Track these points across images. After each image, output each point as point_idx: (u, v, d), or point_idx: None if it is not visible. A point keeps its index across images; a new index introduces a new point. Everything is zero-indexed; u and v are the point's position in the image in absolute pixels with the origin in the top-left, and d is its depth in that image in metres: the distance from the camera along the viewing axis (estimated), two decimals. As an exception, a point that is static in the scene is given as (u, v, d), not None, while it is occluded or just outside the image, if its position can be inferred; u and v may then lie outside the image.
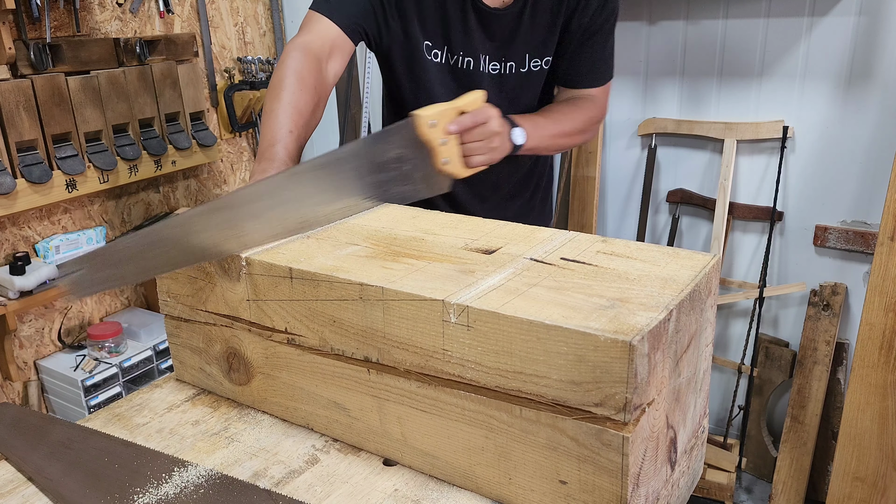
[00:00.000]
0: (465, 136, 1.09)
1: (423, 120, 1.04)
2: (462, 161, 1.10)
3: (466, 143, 1.10)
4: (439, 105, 1.07)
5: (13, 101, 1.99)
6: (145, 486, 0.82)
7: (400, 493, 0.81)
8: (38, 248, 2.21)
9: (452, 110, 1.07)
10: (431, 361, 0.77)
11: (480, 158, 1.12)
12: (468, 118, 1.08)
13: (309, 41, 1.20)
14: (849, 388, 1.73)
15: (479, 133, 1.10)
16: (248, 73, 2.80)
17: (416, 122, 1.04)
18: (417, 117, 1.03)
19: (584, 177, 2.48)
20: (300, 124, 1.13)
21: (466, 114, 1.09)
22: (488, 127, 1.11)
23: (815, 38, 2.04)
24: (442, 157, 1.07)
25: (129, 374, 2.28)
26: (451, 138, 1.07)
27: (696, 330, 0.80)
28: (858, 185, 2.08)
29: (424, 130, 1.04)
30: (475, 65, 1.32)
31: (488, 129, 1.11)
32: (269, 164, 1.07)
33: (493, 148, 1.13)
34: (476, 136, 1.10)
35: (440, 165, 1.07)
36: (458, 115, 1.08)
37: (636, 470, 0.69)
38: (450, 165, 1.08)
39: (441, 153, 1.07)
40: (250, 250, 0.91)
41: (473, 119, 1.08)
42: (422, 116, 1.03)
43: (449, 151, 1.08)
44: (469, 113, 1.09)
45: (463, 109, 1.09)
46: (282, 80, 1.15)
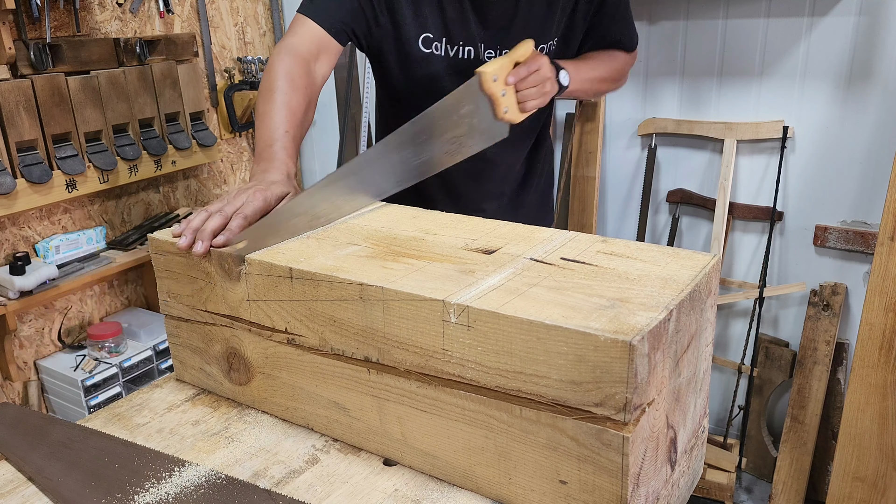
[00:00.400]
0: (521, 84, 1.18)
1: (487, 76, 1.13)
2: (518, 107, 1.20)
3: (522, 90, 1.19)
4: (498, 60, 1.16)
5: (13, 101, 1.99)
6: (145, 486, 0.82)
7: (400, 493, 0.81)
8: (38, 248, 2.21)
9: (509, 63, 1.17)
10: (431, 361, 0.77)
11: (534, 102, 1.21)
12: (523, 69, 1.17)
13: (296, 43, 1.22)
14: (849, 388, 1.73)
15: (533, 80, 1.19)
16: (248, 73, 2.80)
17: (482, 79, 1.13)
18: (482, 73, 1.12)
19: (584, 177, 2.48)
20: (294, 124, 1.14)
21: (521, 64, 1.18)
22: (541, 73, 1.19)
23: (815, 38, 2.04)
24: (503, 106, 1.16)
25: (129, 374, 2.28)
26: (510, 88, 1.17)
27: (696, 330, 0.80)
28: (858, 185, 2.08)
29: (489, 85, 1.13)
30: (475, 53, 1.33)
31: (541, 75, 1.20)
32: (269, 163, 1.07)
33: (545, 92, 1.22)
34: (530, 82, 1.19)
35: (501, 114, 1.16)
36: (513, 66, 1.17)
37: (636, 470, 0.69)
38: (509, 113, 1.18)
39: (502, 103, 1.16)
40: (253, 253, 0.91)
41: (528, 69, 1.18)
42: (486, 73, 1.13)
43: (508, 100, 1.17)
44: (524, 63, 1.18)
45: (517, 60, 1.19)
46: (273, 83, 1.17)
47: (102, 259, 2.29)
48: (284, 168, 1.07)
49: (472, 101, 1.14)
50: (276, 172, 1.05)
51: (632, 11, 1.47)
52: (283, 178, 1.04)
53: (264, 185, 1.01)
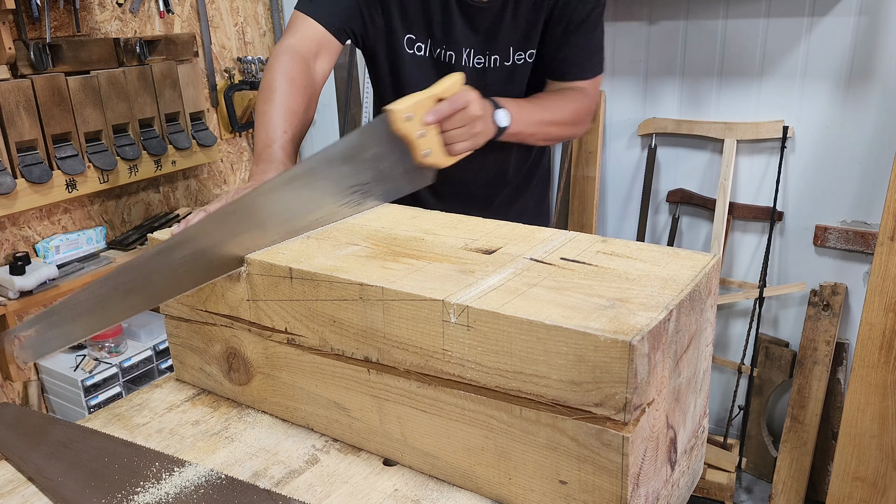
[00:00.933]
0: (444, 124, 1.06)
1: (397, 114, 0.99)
2: (444, 150, 1.07)
3: (447, 131, 1.06)
4: (414, 95, 1.02)
5: (13, 101, 1.99)
6: (145, 486, 0.82)
7: (400, 493, 0.81)
8: (38, 248, 2.21)
9: (428, 99, 1.03)
10: (431, 361, 0.77)
11: (463, 145, 1.09)
12: (445, 106, 1.04)
13: (295, 43, 1.22)
14: (849, 388, 1.73)
15: (459, 119, 1.06)
16: (248, 73, 2.80)
17: (391, 118, 0.99)
18: (391, 112, 0.99)
19: (584, 177, 2.48)
20: (294, 125, 1.14)
21: (444, 101, 1.05)
22: (468, 112, 1.06)
23: (815, 38, 2.04)
24: (422, 149, 1.03)
25: (129, 374, 2.28)
26: (430, 128, 1.04)
27: (696, 330, 0.80)
28: (858, 185, 2.08)
29: (400, 125, 1.00)
30: (457, 59, 1.32)
31: (468, 114, 1.06)
32: (268, 164, 1.07)
33: (475, 133, 1.09)
34: (456, 122, 1.06)
35: (421, 158, 1.04)
36: (435, 103, 1.04)
37: (636, 470, 0.69)
38: (431, 157, 1.05)
39: (420, 146, 1.03)
40: (253, 253, 0.91)
41: (452, 106, 1.04)
42: (395, 111, 0.99)
43: (429, 142, 1.04)
44: (447, 100, 1.05)
45: (440, 96, 1.05)
46: (272, 83, 1.16)
47: (102, 259, 2.29)
48: (283, 168, 1.07)
49: (381, 143, 1.00)
50: (274, 173, 1.05)
51: (603, 35, 1.36)
52: None
53: None
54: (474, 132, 1.09)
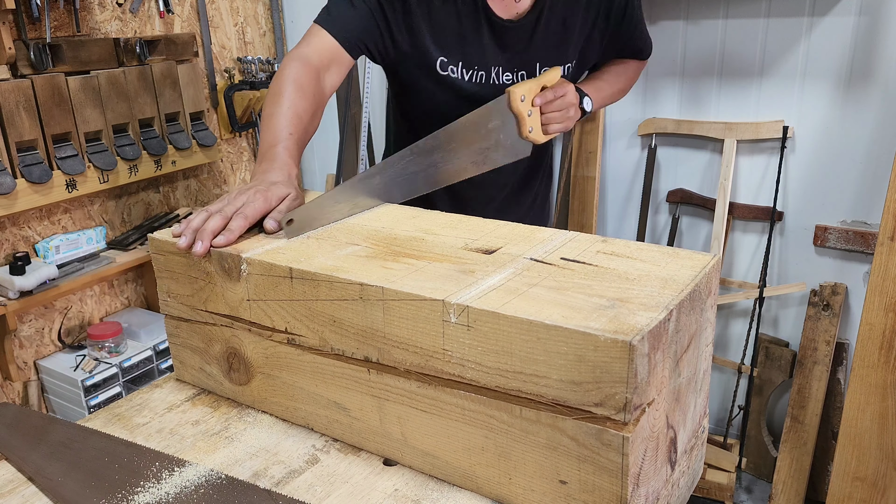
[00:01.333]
0: (545, 108, 1.25)
1: (515, 95, 1.20)
2: (542, 129, 1.26)
3: (547, 114, 1.26)
4: (528, 82, 1.23)
5: (13, 101, 1.99)
6: (145, 486, 0.82)
7: (400, 493, 0.81)
8: (38, 248, 2.21)
9: (538, 86, 1.24)
10: (431, 361, 0.77)
11: (558, 126, 1.28)
12: (550, 93, 1.24)
13: (308, 53, 1.23)
14: (849, 388, 1.73)
15: (558, 104, 1.26)
16: (248, 73, 2.80)
17: (510, 97, 1.20)
18: (511, 93, 1.19)
19: (584, 177, 2.48)
20: (299, 128, 1.14)
21: (548, 88, 1.25)
22: (566, 99, 1.27)
23: (815, 38, 2.04)
24: (528, 126, 1.23)
25: (129, 374, 2.28)
26: (535, 110, 1.24)
27: (696, 330, 0.80)
28: (858, 185, 2.08)
29: (517, 104, 1.20)
30: (487, 78, 1.34)
31: (566, 100, 1.27)
32: (271, 164, 1.07)
33: (569, 117, 1.29)
34: (556, 106, 1.26)
35: (526, 133, 1.23)
36: (540, 90, 1.24)
37: (636, 470, 0.69)
38: (533, 133, 1.25)
39: (527, 123, 1.22)
40: (250, 252, 0.91)
41: (555, 93, 1.25)
42: (514, 92, 1.20)
43: (533, 121, 1.24)
44: (551, 88, 1.25)
45: (545, 84, 1.25)
46: (281, 88, 1.17)
47: (102, 259, 2.29)
48: (286, 169, 1.06)
49: (500, 116, 1.20)
50: (277, 173, 1.05)
51: (643, 21, 1.50)
52: (285, 179, 1.04)
53: (265, 186, 1.00)
54: (568, 116, 1.29)
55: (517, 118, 1.22)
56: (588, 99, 1.36)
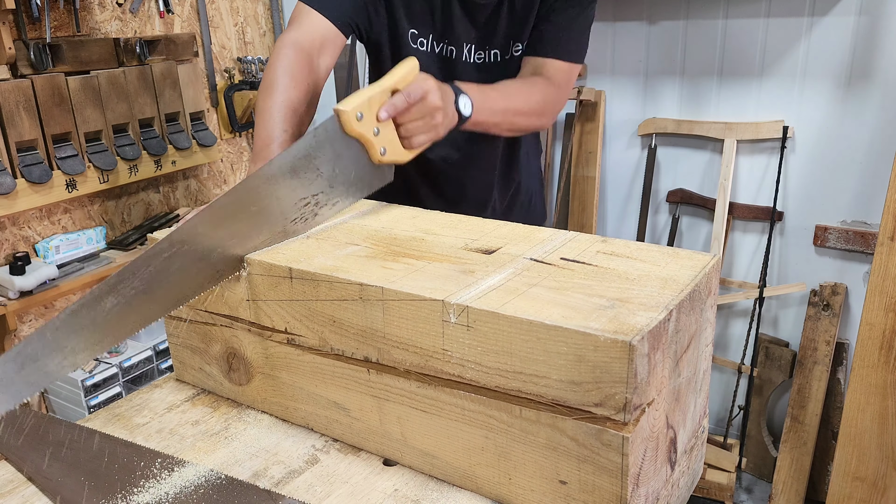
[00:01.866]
0: (400, 117, 0.99)
1: (348, 115, 0.92)
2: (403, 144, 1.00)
3: (404, 125, 0.99)
4: (366, 90, 0.95)
5: (13, 101, 1.99)
6: (145, 486, 0.82)
7: (400, 493, 0.81)
8: (38, 248, 2.21)
9: (381, 93, 0.96)
10: (431, 361, 0.77)
11: (422, 138, 1.02)
12: (400, 99, 0.97)
13: (299, 37, 1.20)
14: (849, 388, 1.73)
15: (416, 112, 0.99)
16: (248, 73, 2.80)
17: (341, 119, 0.93)
18: (341, 113, 0.92)
19: (584, 177, 2.48)
20: (294, 122, 1.13)
21: (399, 93, 0.97)
22: (427, 103, 0.99)
23: (815, 38, 2.04)
24: (378, 147, 0.97)
25: (129, 374, 2.28)
26: (385, 124, 0.97)
27: (696, 330, 0.80)
28: (858, 185, 2.08)
29: (352, 126, 0.93)
30: (457, 53, 1.32)
31: (427, 105, 1.00)
32: None
33: (435, 125, 1.02)
34: (414, 115, 0.99)
35: (378, 157, 0.97)
36: (389, 96, 0.97)
37: (636, 470, 0.69)
38: (389, 154, 0.98)
39: (376, 144, 0.96)
40: (253, 253, 0.91)
41: (407, 99, 0.97)
42: (346, 111, 0.92)
43: (385, 139, 0.97)
44: (402, 92, 0.97)
45: (395, 87, 0.98)
46: (274, 79, 1.15)
47: (102, 259, 2.29)
48: None
49: (330, 147, 0.93)
50: None
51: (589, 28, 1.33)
52: None
53: None
54: (434, 123, 1.02)
55: (360, 142, 0.95)
56: (466, 99, 1.10)
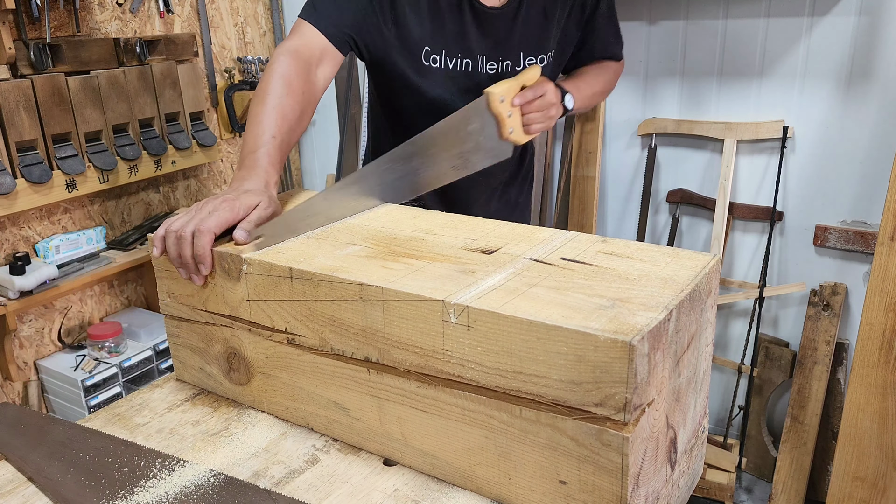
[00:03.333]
0: (526, 108, 1.22)
1: (494, 96, 1.17)
2: (523, 129, 1.24)
3: (528, 114, 1.23)
4: (506, 82, 1.20)
5: (13, 101, 1.99)
6: (145, 486, 0.82)
7: (400, 493, 0.81)
8: (38, 248, 2.21)
9: (517, 85, 1.21)
10: (431, 361, 0.77)
11: (539, 126, 1.25)
12: (530, 92, 1.22)
13: (298, 46, 1.20)
14: (849, 388, 1.73)
15: (538, 104, 1.23)
16: (248, 73, 2.80)
17: (489, 99, 1.17)
18: (490, 94, 1.17)
19: (584, 177, 2.48)
20: (284, 129, 1.11)
21: (528, 88, 1.22)
22: (546, 98, 1.24)
23: (815, 38, 2.04)
24: (508, 127, 1.20)
25: (129, 374, 2.28)
26: (516, 110, 1.21)
27: (696, 330, 0.80)
28: (858, 185, 2.08)
29: (496, 105, 1.18)
30: (473, 66, 1.33)
31: (546, 100, 1.24)
32: (249, 171, 1.05)
33: (550, 116, 1.27)
34: (536, 107, 1.23)
35: (506, 134, 1.21)
36: (520, 89, 1.21)
37: (636, 470, 0.69)
38: (514, 134, 1.22)
39: (507, 124, 1.20)
40: (251, 252, 0.91)
41: (534, 93, 1.22)
42: (493, 93, 1.17)
43: (513, 122, 1.21)
44: (530, 87, 1.22)
45: (524, 84, 1.23)
46: (268, 85, 1.14)
47: (102, 259, 2.29)
48: (264, 176, 1.04)
49: (479, 119, 1.18)
50: (253, 181, 1.02)
51: (618, 21, 1.52)
52: (260, 188, 1.01)
53: (235, 195, 0.97)
54: (550, 115, 1.26)
55: (497, 120, 1.19)
56: (570, 96, 1.34)
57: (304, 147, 3.18)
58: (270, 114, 1.11)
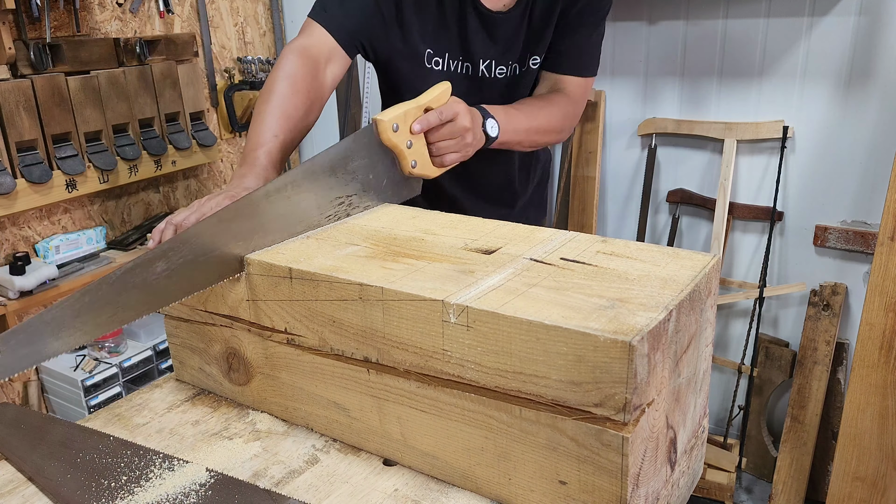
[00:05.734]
0: (432, 135, 1.05)
1: (385, 125, 0.98)
2: (431, 160, 1.06)
3: (435, 143, 1.06)
4: (402, 105, 1.01)
5: (13, 101, 1.99)
6: (145, 486, 0.82)
7: (400, 493, 0.81)
8: (38, 248, 2.21)
9: (416, 108, 1.02)
10: (431, 361, 0.77)
11: (452, 157, 1.08)
12: (433, 116, 1.03)
13: (307, 44, 1.19)
14: (849, 388, 1.73)
15: (447, 131, 1.06)
16: (248, 73, 2.80)
17: (378, 128, 0.99)
18: (379, 122, 0.99)
19: (584, 177, 2.48)
20: (287, 128, 1.10)
21: (432, 111, 1.04)
22: (457, 124, 1.06)
23: (815, 38, 2.04)
24: (409, 160, 1.03)
25: (129, 374, 2.28)
26: (418, 138, 1.03)
27: (696, 330, 0.80)
28: (858, 185, 2.08)
29: (388, 135, 0.99)
30: (474, 70, 1.30)
31: (457, 125, 1.06)
32: (249, 169, 1.05)
33: (465, 144, 1.09)
34: (444, 134, 1.06)
35: (409, 169, 1.04)
36: (422, 113, 1.03)
37: (636, 470, 0.69)
38: (419, 168, 1.04)
39: (408, 156, 1.02)
40: (252, 253, 0.91)
41: (439, 116, 1.04)
42: (383, 121, 0.98)
43: (416, 152, 1.03)
44: (435, 110, 1.04)
45: (428, 106, 1.04)
46: (273, 84, 1.13)
47: (102, 259, 2.29)
48: (263, 174, 1.03)
49: (367, 153, 0.99)
50: (252, 178, 1.02)
51: (601, 42, 1.36)
52: (259, 186, 1.00)
53: (235, 192, 0.96)
54: (464, 143, 1.08)
55: (394, 153, 1.01)
56: (493, 121, 1.15)
57: (305, 147, 3.18)
58: (274, 113, 1.09)
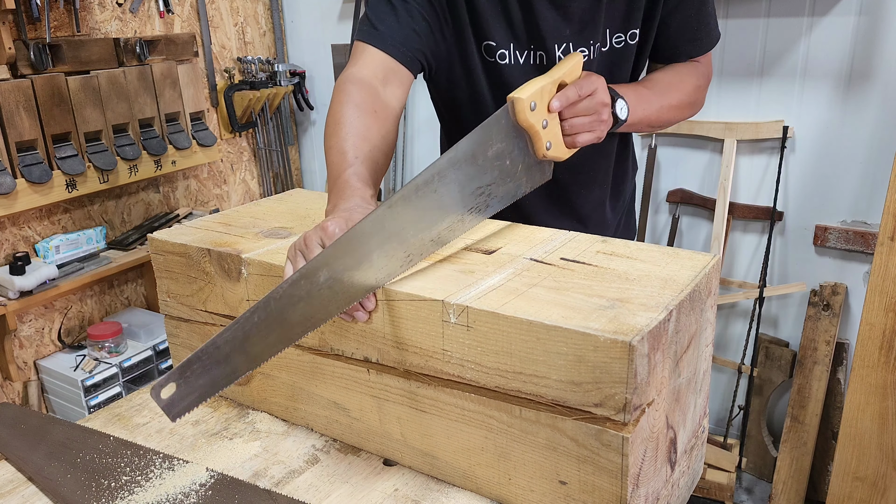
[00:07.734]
0: (568, 111, 0.93)
1: (523, 103, 0.86)
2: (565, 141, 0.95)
3: (570, 119, 0.93)
4: (537, 81, 0.89)
5: (13, 101, 1.99)
6: (145, 486, 0.82)
7: (400, 493, 0.81)
8: (38, 248, 2.21)
9: (552, 84, 0.91)
10: (431, 361, 0.77)
11: (587, 136, 0.96)
12: (572, 91, 0.92)
13: (358, 71, 1.04)
14: (849, 388, 1.73)
15: (584, 107, 0.93)
16: (248, 73, 2.80)
17: (516, 107, 0.87)
18: (517, 101, 0.87)
19: (584, 177, 2.48)
20: (366, 150, 0.95)
21: (569, 86, 0.93)
22: (595, 98, 0.94)
23: (815, 38, 2.04)
24: (544, 140, 0.91)
25: (129, 374, 2.28)
26: (552, 117, 0.91)
27: (696, 330, 0.80)
28: (858, 185, 2.08)
29: (525, 115, 0.87)
30: (548, 58, 1.11)
31: (595, 100, 0.94)
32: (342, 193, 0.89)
33: (602, 121, 0.96)
34: (581, 110, 0.94)
35: (543, 152, 0.91)
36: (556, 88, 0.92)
37: (636, 470, 0.69)
38: (553, 149, 0.92)
39: (543, 137, 0.90)
40: (250, 252, 0.91)
41: (578, 91, 0.92)
42: (521, 99, 0.86)
43: (551, 133, 0.91)
44: (572, 84, 0.93)
45: (563, 80, 0.92)
46: (337, 115, 0.99)
47: (102, 259, 2.29)
48: (358, 193, 0.87)
49: (504, 138, 0.87)
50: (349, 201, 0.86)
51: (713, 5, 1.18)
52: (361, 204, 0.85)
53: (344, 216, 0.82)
54: (601, 120, 0.96)
55: (529, 135, 0.89)
56: (622, 102, 1.02)
57: (305, 147, 3.18)
58: (347, 139, 0.96)
